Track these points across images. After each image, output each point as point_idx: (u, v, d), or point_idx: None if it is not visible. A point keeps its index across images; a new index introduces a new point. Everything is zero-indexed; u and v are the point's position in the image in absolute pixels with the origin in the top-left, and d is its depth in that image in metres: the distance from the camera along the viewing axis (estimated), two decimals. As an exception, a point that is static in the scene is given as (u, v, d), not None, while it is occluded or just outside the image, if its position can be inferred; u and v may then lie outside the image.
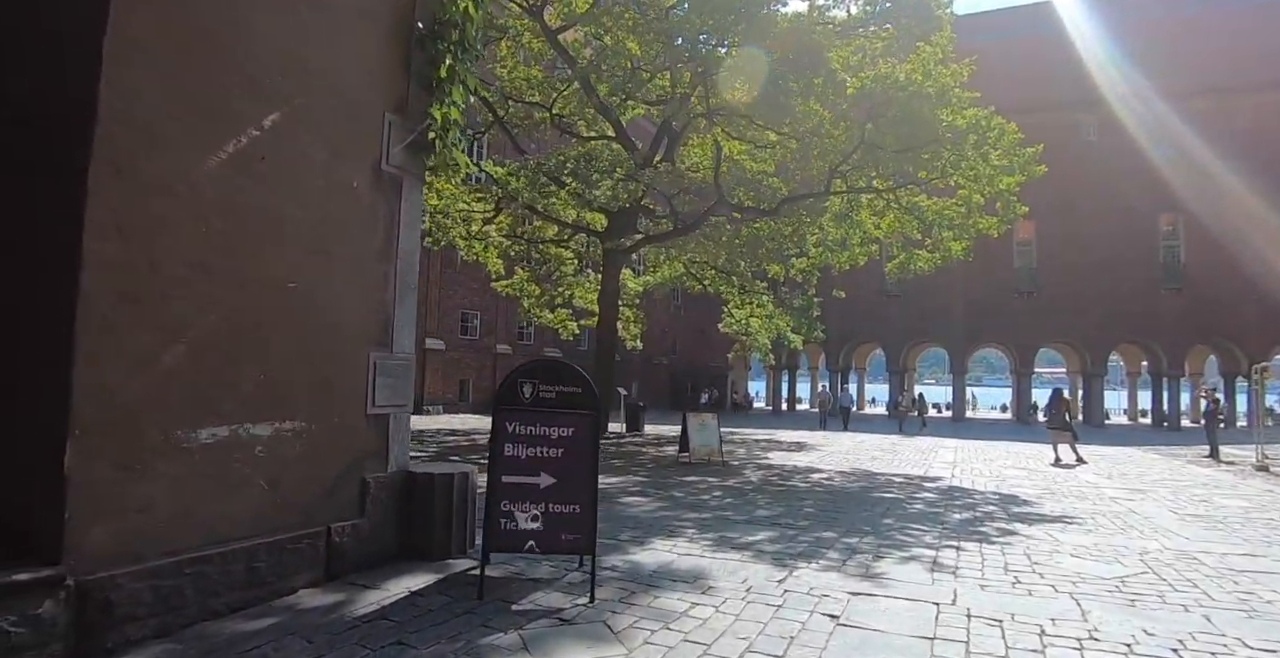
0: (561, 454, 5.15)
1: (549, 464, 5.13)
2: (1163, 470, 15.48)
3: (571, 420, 5.21)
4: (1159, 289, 41.15)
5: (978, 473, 14.18)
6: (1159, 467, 16.32)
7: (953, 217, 16.96)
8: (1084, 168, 41.80)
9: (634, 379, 45.84)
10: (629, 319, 25.41)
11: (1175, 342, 40.78)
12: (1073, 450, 17.13)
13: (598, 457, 5.22)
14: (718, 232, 19.13)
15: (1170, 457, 19.26)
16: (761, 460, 15.16)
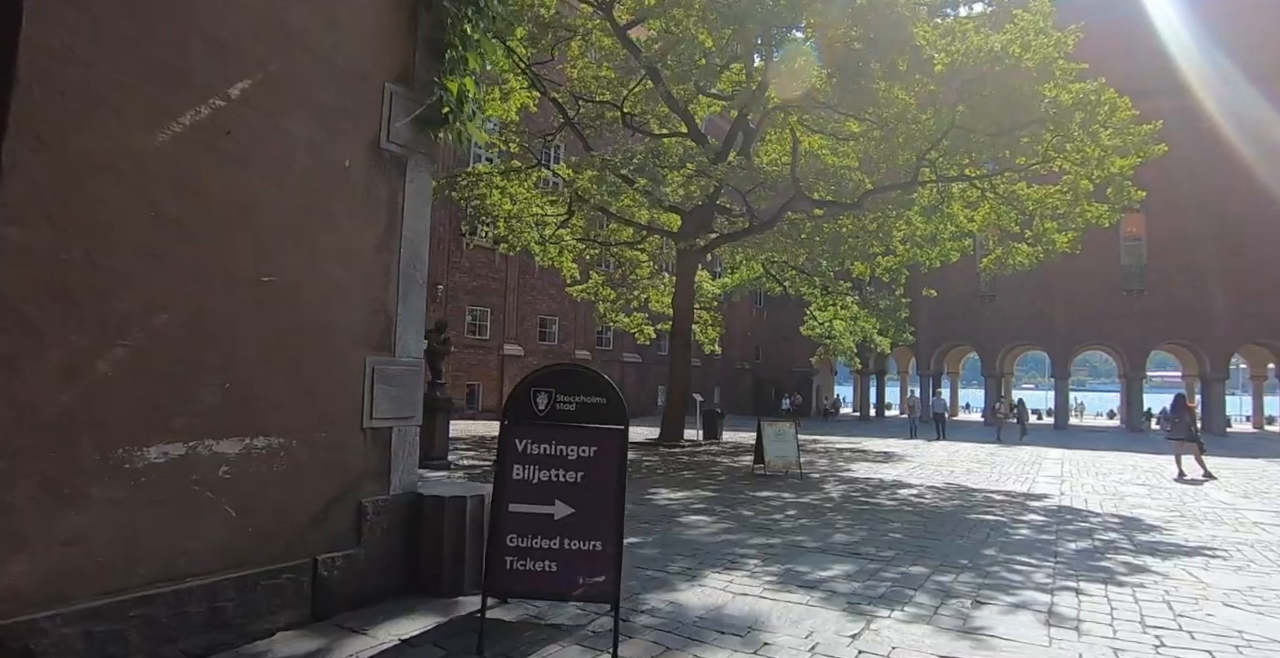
0: (581, 479, 4.22)
1: (566, 491, 4.21)
2: (1311, 488, 13.46)
3: (594, 438, 4.28)
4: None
5: (1090, 489, 12.55)
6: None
7: (1057, 205, 15.27)
8: (1202, 156, 38.37)
9: (715, 385, 44.67)
10: (706, 322, 24.37)
11: (1311, 342, 36.93)
12: (1199, 464, 15.20)
13: (624, 482, 4.25)
14: (796, 229, 17.91)
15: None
16: (844, 473, 13.88)
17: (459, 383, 29.95)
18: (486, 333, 31.35)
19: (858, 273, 22.78)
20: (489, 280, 31.54)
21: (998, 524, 8.58)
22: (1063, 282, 40.31)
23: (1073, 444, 26.52)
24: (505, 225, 22.20)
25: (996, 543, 7.41)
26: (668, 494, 10.33)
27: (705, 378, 43.57)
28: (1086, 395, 77.83)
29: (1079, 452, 22.20)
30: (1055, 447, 24.53)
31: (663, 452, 17.44)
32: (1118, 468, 16.80)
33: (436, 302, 29.22)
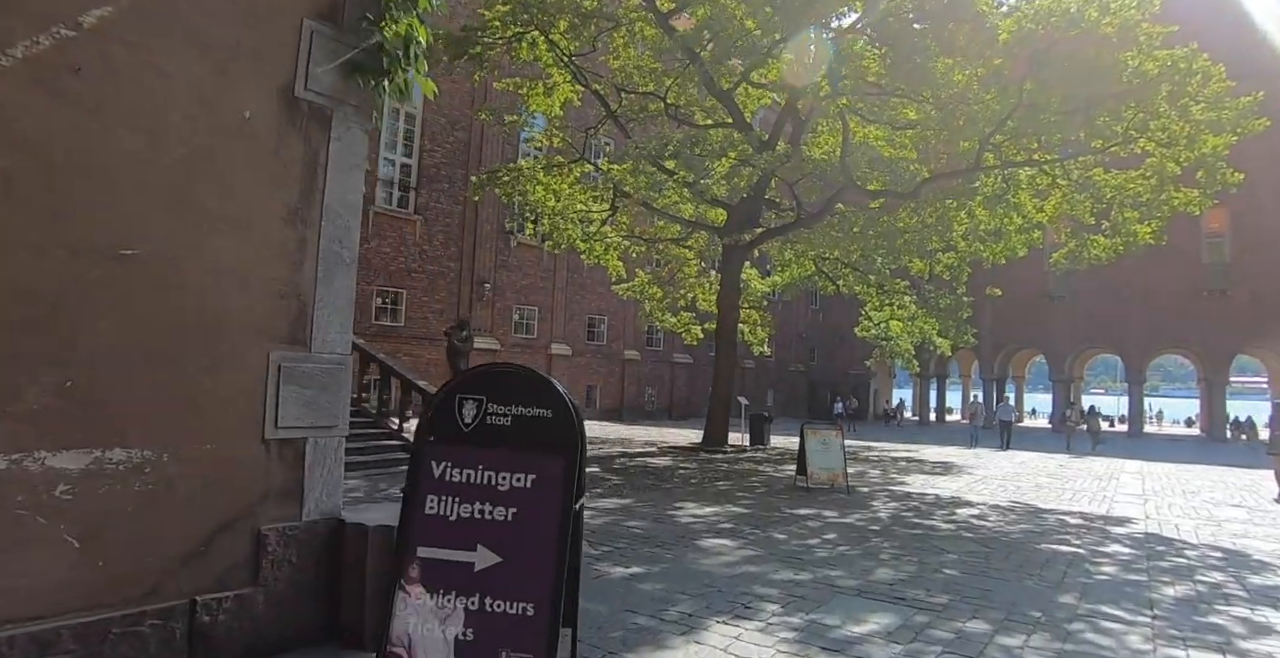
0: (514, 518, 3.13)
1: (493, 533, 3.12)
2: None
3: (533, 464, 3.19)
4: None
5: (1179, 512, 10.94)
6: None
7: (1138, 192, 13.57)
8: None
9: (769, 387, 43.17)
10: (755, 322, 23.07)
11: None
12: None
13: (570, 524, 3.15)
14: (847, 222, 16.52)
15: None
16: (896, 487, 12.49)
17: (505, 383, 29.27)
18: (534, 332, 30.60)
19: (916, 271, 21.23)
20: (537, 279, 30.80)
21: (1075, 559, 7.18)
22: (1139, 281, 37.73)
23: (1150, 455, 24.34)
24: (550, 223, 21.39)
25: (1076, 586, 6.06)
26: (694, 510, 9.18)
27: (758, 380, 42.11)
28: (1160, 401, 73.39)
29: (1158, 464, 20.20)
30: (1131, 458, 22.48)
31: (703, 458, 16.26)
32: (1206, 485, 14.97)
33: (484, 300, 28.61)
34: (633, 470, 13.23)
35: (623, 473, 12.78)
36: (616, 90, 19.75)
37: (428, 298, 27.32)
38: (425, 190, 27.37)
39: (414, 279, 26.97)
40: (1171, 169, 13.06)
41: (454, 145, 28.38)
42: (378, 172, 26.45)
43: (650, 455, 16.48)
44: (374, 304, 25.94)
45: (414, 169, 27.36)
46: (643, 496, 10.25)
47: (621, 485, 11.13)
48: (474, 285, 28.37)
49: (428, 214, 27.49)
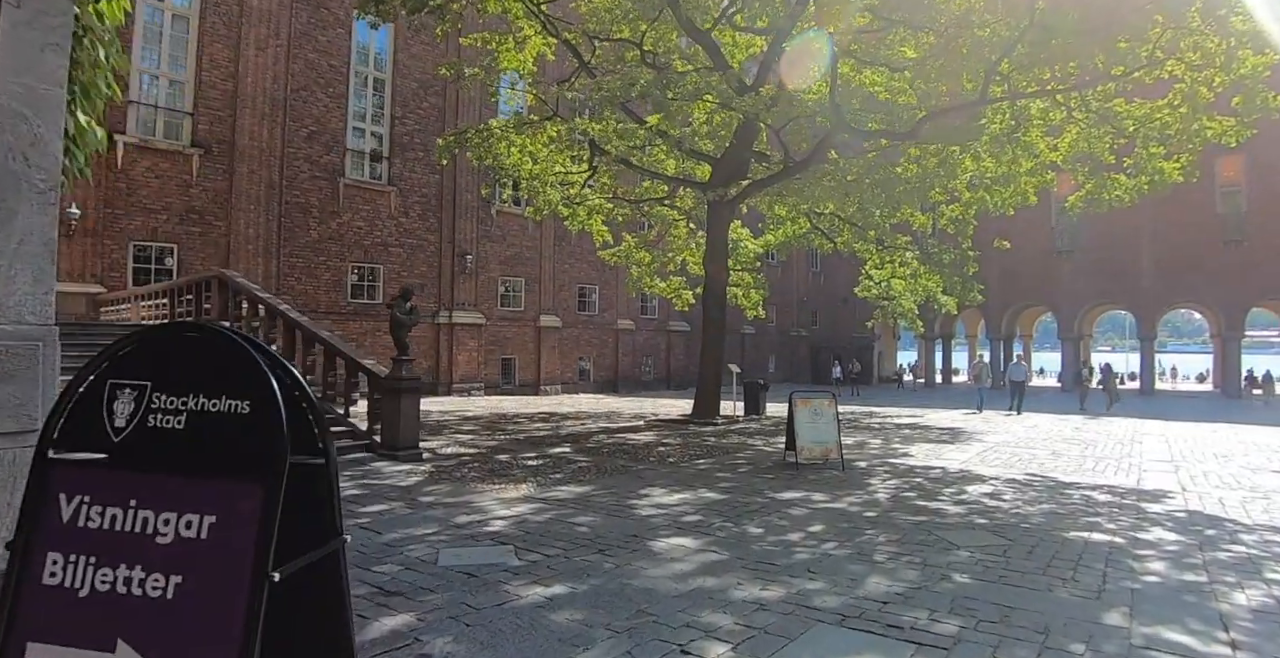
0: (176, 593, 1.76)
1: (142, 619, 1.75)
2: None
3: (212, 497, 1.80)
4: None
5: (1216, 481, 9.56)
6: None
7: (1166, 123, 11.96)
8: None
9: (770, 354, 41.83)
10: (749, 285, 21.61)
11: None
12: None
13: (260, 605, 1.76)
14: (841, 171, 14.95)
15: None
16: (898, 459, 11.12)
17: (493, 357, 28.00)
18: (521, 304, 29.19)
19: (918, 225, 19.67)
20: (522, 249, 29.33)
21: (1114, 552, 5.81)
22: (1150, 234, 36.17)
23: (1167, 414, 22.93)
24: (528, 187, 19.88)
25: (1121, 595, 4.68)
26: (661, 498, 7.83)
27: (759, 346, 40.75)
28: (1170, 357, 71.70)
29: (1179, 424, 18.80)
30: (1148, 418, 21.08)
31: (690, 432, 14.94)
32: (1237, 447, 13.58)
33: (467, 273, 27.21)
34: (607, 449, 11.91)
35: (595, 453, 11.46)
36: (589, 39, 18.11)
37: (406, 273, 25.93)
38: (399, 160, 25.84)
39: (391, 253, 25.57)
40: (1204, 95, 11.43)
41: (427, 111, 26.75)
42: (346, 141, 24.94)
43: (634, 430, 15.17)
44: (349, 281, 24.58)
45: (385, 138, 25.80)
46: (607, 481, 8.92)
47: (587, 469, 9.80)
48: (455, 258, 26.93)
49: (402, 185, 25.98)
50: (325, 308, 23.68)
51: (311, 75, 23.83)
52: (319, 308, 23.42)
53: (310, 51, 23.79)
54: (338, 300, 24.07)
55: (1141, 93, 12.84)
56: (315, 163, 23.84)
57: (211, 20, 21.82)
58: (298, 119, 23.44)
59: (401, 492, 8.09)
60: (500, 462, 10.34)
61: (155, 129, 20.97)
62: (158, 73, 21.22)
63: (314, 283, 23.62)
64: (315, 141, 23.89)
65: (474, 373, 27.05)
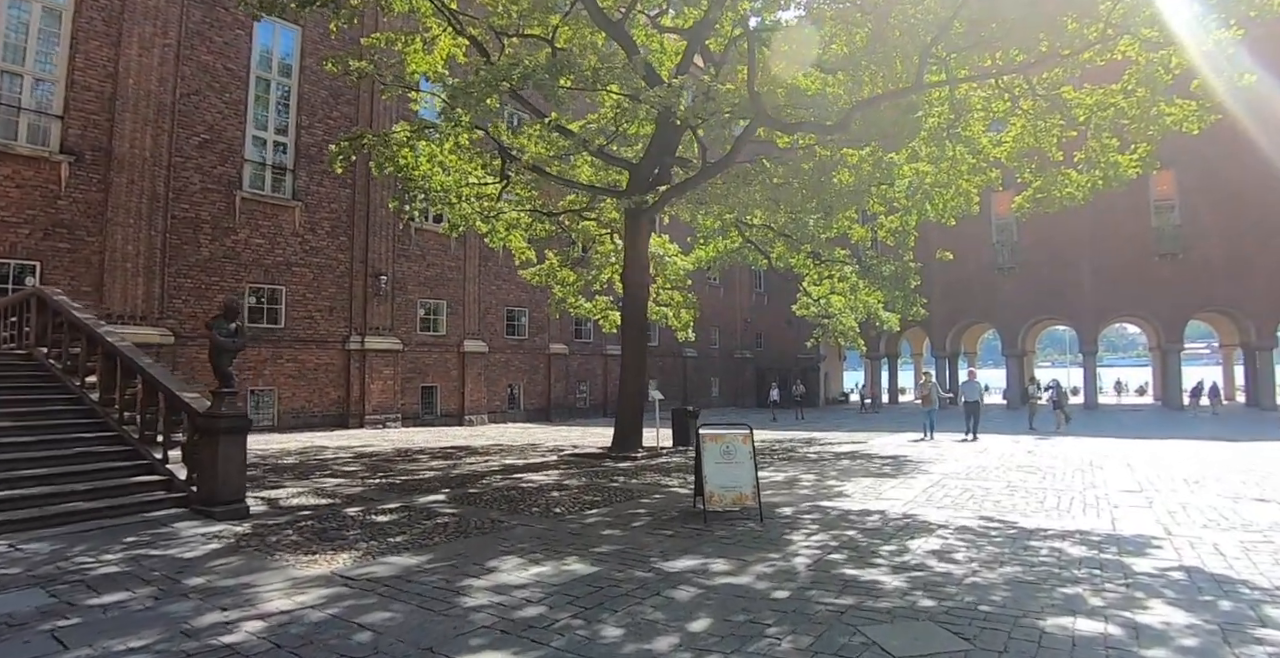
0: None
1: None
2: None
3: None
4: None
5: (1201, 517, 7.93)
6: None
7: (1121, 109, 10.53)
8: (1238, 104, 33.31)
9: (713, 377, 40.11)
10: (679, 304, 19.84)
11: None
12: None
13: None
14: (766, 174, 13.29)
15: None
16: (831, 501, 9.28)
17: (411, 386, 25.70)
18: (443, 328, 26.98)
19: (856, 238, 18.17)
20: (444, 269, 27.19)
21: (1111, 650, 4.02)
22: (1089, 249, 35.83)
23: (1118, 431, 21.72)
24: (438, 200, 17.86)
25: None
26: (510, 573, 5.83)
27: (701, 369, 39.04)
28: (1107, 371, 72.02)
29: (1135, 442, 17.46)
30: (1099, 435, 19.78)
31: (602, 469, 12.98)
32: (1208, 470, 12.10)
33: (382, 295, 24.97)
34: (489, 496, 9.86)
35: (471, 502, 9.41)
36: (497, 36, 16.30)
37: (313, 295, 23.61)
38: (304, 173, 23.60)
39: (295, 274, 23.22)
40: (1162, 77, 10.05)
41: (338, 121, 24.59)
42: (245, 151, 22.67)
43: (539, 469, 13.15)
44: (246, 303, 22.13)
45: (290, 149, 23.58)
46: (458, 545, 6.89)
47: (444, 527, 7.75)
48: (369, 278, 24.69)
49: (309, 199, 23.73)
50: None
51: (205, 79, 21.57)
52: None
53: (205, 53, 21.56)
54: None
55: (1093, 78, 11.45)
56: (208, 174, 21.51)
57: (88, 15, 19.47)
58: (188, 126, 21.12)
59: (173, 569, 5.98)
60: (343, 518, 8.23)
61: (17, 133, 18.47)
62: (21, 71, 18.77)
63: (205, 305, 21.15)
64: (209, 151, 21.57)
65: (389, 403, 24.70)
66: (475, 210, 18.31)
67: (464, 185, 17.67)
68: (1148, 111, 10.18)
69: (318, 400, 23.54)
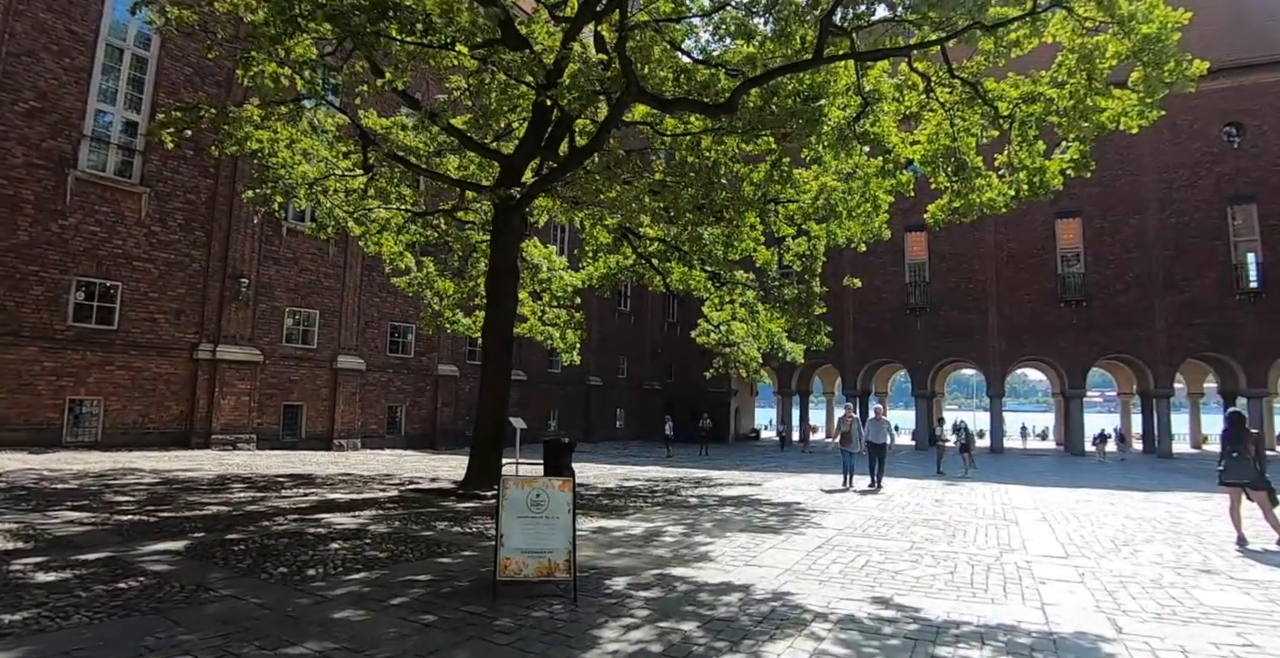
0: None
1: None
2: None
3: None
4: (1233, 295, 32.49)
5: (1152, 603, 5.99)
6: None
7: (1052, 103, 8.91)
8: (1138, 155, 33.73)
9: (618, 407, 37.84)
10: (564, 323, 17.58)
11: (1254, 355, 32.00)
12: (1273, 521, 8.98)
13: None
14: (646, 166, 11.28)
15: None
16: (685, 568, 7.02)
17: (272, 403, 22.57)
18: (314, 341, 23.98)
19: (762, 261, 16.34)
20: (320, 276, 24.28)
21: None
22: (996, 295, 35.53)
23: (1027, 477, 20.35)
24: (306, 194, 15.24)
25: None
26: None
27: (607, 399, 36.72)
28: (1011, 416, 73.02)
29: (1046, 491, 15.94)
30: (1008, 482, 18.29)
31: (438, 509, 10.50)
32: (1132, 527, 10.43)
33: (242, 300, 21.91)
34: (246, 546, 7.28)
35: (212, 554, 6.82)
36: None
37: (157, 295, 20.42)
38: (157, 157, 20.55)
39: (137, 269, 20.03)
40: (1099, 66, 8.48)
41: (203, 101, 21.72)
42: (85, 126, 19.57)
43: (361, 506, 10.57)
44: (72, 299, 18.86)
45: (142, 127, 20.55)
46: (89, 631, 4.35)
47: (115, 594, 5.16)
48: (226, 280, 21.64)
49: (160, 187, 20.67)
50: (32, 331, 17.92)
51: (41, 39, 18.49)
52: (22, 331, 17.67)
53: (41, 10, 18.50)
54: (51, 322, 18.30)
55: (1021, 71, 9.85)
56: (35, 147, 18.33)
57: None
58: (14, 90, 17.97)
59: None
60: (-29, 585, 5.55)
61: None
62: None
63: (19, 298, 17.83)
64: (38, 121, 18.42)
65: (242, 422, 21.51)
66: (344, 208, 15.79)
67: (329, 177, 15.15)
68: (1081, 103, 8.59)
69: (155, 415, 20.23)
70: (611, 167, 10.47)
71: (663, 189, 10.82)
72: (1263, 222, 32.41)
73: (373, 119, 15.01)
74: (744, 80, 9.28)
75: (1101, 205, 34.60)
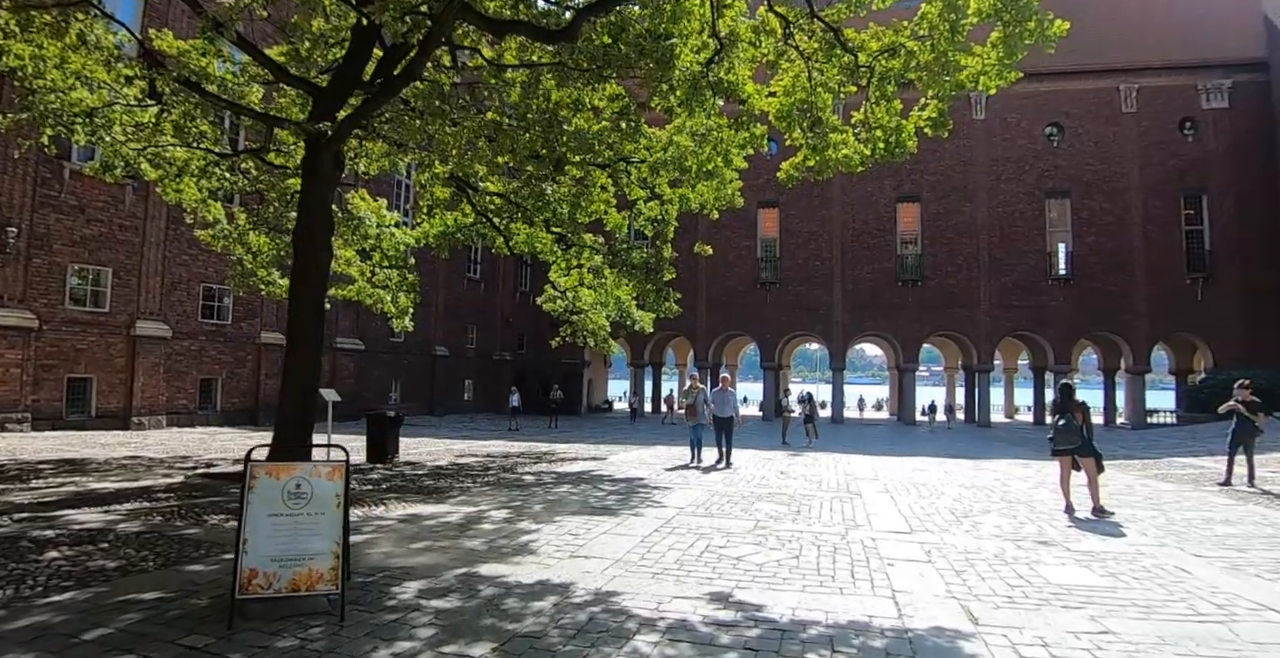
0: None
1: None
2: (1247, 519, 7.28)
3: None
4: (1046, 280, 35.18)
5: (1005, 585, 5.52)
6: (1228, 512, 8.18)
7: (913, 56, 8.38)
8: (972, 146, 35.66)
9: (468, 379, 36.11)
10: (395, 285, 15.89)
11: (1062, 336, 34.90)
12: (1093, 492, 9.10)
13: None
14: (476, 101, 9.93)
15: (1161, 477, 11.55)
16: (496, 567, 5.91)
17: (52, 376, 19.37)
18: (105, 303, 20.76)
19: (612, 224, 15.34)
20: (114, 228, 20.97)
21: None
22: (841, 271, 36.56)
23: (866, 447, 20.83)
24: (85, 129, 12.56)
25: None
26: None
27: (454, 371, 34.84)
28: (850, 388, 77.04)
29: (884, 460, 16.15)
30: (850, 452, 18.54)
31: (218, 500, 8.86)
32: (966, 495, 10.41)
33: (11, 252, 18.50)
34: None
35: None
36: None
37: (-111, 242, 16.80)
38: (-112, 75, 16.72)
39: None
40: (962, 23, 7.98)
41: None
42: None
43: (124, 498, 8.73)
44: None
45: None
46: None
47: None
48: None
49: (-107, 113, 16.85)
50: None
51: None
52: None
53: None
54: None
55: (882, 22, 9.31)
56: None
57: None
58: None
59: None
60: None
61: None
62: None
63: None
64: None
65: (12, 398, 18.23)
66: (133, 145, 13.24)
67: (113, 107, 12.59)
68: (943, 57, 8.11)
69: (-109, 391, 16.73)
70: (438, 103, 9.05)
71: (498, 133, 9.53)
72: (1074, 215, 35.11)
73: (169, 41, 12.63)
74: (585, 5, 8.14)
75: (938, 192, 36.28)
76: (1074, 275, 34.81)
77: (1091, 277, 34.52)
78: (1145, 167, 34.47)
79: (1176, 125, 34.63)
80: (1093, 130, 35.12)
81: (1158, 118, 34.63)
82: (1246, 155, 33.43)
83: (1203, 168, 34.05)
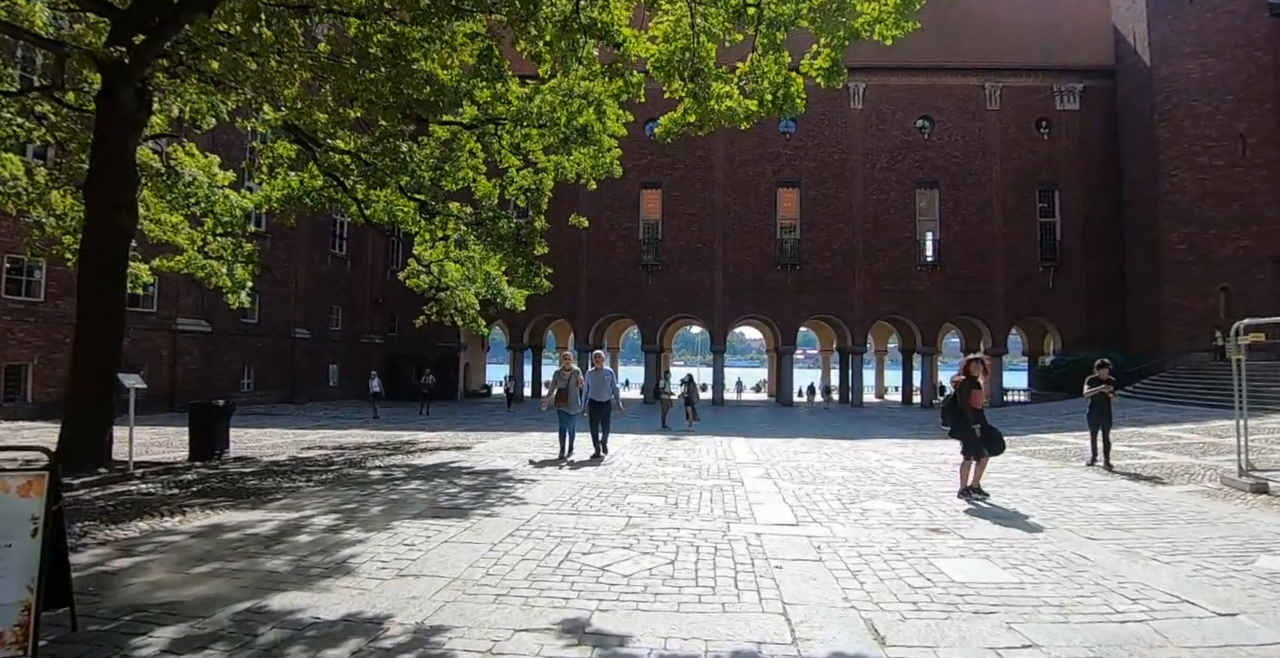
0: None
1: None
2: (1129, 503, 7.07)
3: None
4: (915, 266, 36.37)
5: (907, 587, 4.81)
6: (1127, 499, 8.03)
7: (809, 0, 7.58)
8: (850, 135, 36.24)
9: (333, 363, 33.60)
10: (230, 256, 13.92)
11: (928, 320, 36.22)
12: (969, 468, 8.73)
13: None
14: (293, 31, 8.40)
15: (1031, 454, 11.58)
16: (297, 595, 4.62)
17: None
18: None
19: (482, 193, 14.00)
20: (-118, 187, 17.54)
21: None
22: (722, 255, 36.43)
23: (746, 429, 20.49)
24: None
25: None
26: None
27: (316, 354, 32.25)
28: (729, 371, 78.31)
29: (765, 442, 15.71)
30: (731, 434, 18.08)
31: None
32: (850, 478, 9.92)
33: None
34: None
35: None
36: None
37: None
38: None
39: None
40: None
41: None
42: None
43: None
44: None
45: None
46: None
47: None
48: None
49: None
50: None
51: None
52: None
53: None
54: None
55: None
56: None
57: None
58: None
59: None
60: None
61: None
62: None
63: None
64: None
65: None
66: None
67: None
68: (833, 5, 7.34)
69: None
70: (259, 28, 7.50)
71: (335, 72, 8.05)
72: (942, 205, 36.38)
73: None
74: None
75: (817, 178, 36.65)
76: (940, 262, 36.12)
77: (956, 264, 35.93)
78: (1005, 160, 36.09)
79: (1034, 124, 36.44)
80: (960, 125, 36.42)
81: (1017, 116, 36.31)
82: (1093, 154, 35.61)
83: (1055, 164, 36.02)
